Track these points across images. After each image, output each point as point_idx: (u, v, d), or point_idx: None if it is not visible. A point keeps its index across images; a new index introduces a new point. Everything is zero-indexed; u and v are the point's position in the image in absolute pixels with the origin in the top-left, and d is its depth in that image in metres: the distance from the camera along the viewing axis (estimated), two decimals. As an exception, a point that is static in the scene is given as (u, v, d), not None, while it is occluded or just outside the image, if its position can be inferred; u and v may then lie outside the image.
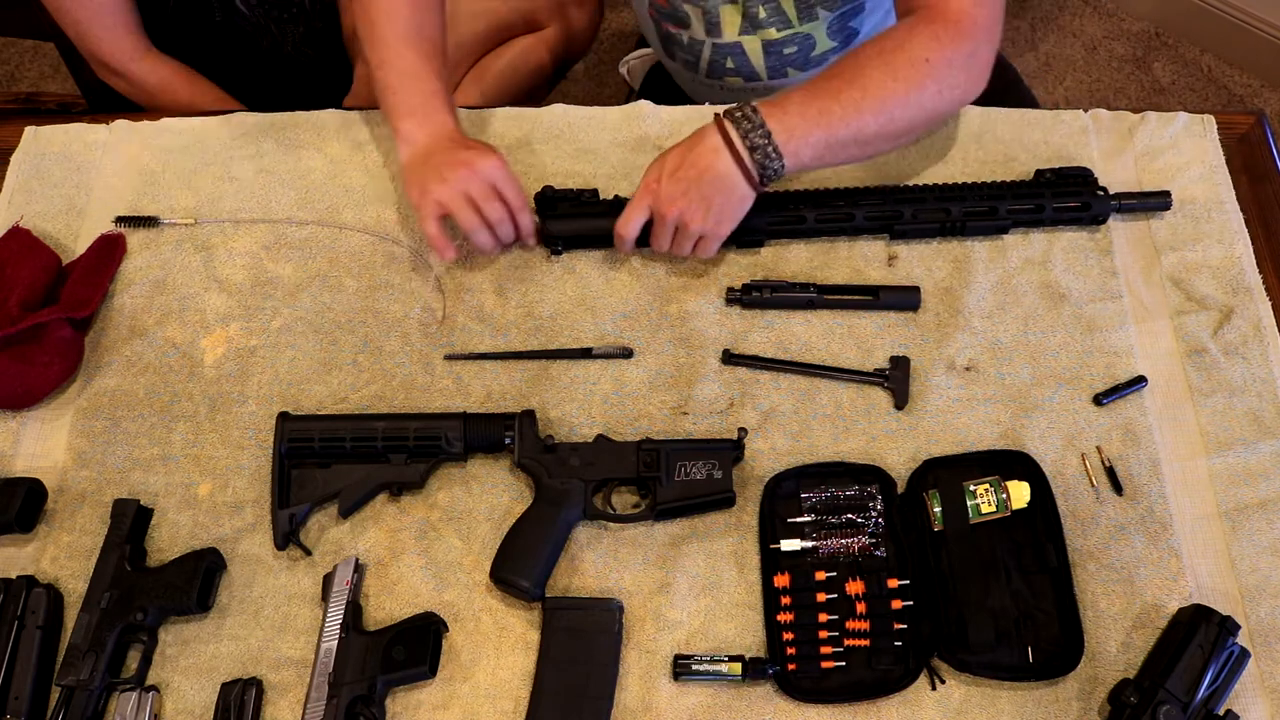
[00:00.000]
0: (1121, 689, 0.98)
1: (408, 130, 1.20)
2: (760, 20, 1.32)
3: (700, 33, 1.35)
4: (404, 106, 1.20)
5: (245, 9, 1.48)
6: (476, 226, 1.17)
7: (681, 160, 1.12)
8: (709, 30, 1.34)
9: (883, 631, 1.03)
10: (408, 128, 1.20)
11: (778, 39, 1.34)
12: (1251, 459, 1.12)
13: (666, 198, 1.12)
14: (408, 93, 1.20)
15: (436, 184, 1.15)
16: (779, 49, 1.36)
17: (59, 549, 1.09)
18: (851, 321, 1.21)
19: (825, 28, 1.34)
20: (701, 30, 1.34)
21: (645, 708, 1.01)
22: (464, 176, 1.15)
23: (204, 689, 1.02)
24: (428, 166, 1.17)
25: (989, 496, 1.06)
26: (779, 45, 1.35)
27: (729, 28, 1.33)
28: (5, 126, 1.37)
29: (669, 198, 1.12)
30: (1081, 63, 2.62)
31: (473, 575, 1.07)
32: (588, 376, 1.18)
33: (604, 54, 2.61)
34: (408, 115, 1.20)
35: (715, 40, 1.35)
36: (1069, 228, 1.26)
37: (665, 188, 1.12)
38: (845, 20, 1.34)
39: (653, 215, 1.15)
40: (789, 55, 1.37)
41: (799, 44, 1.36)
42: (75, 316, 1.17)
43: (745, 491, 1.10)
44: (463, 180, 1.15)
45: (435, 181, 1.15)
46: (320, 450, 1.10)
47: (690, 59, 1.40)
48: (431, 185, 1.15)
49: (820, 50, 1.38)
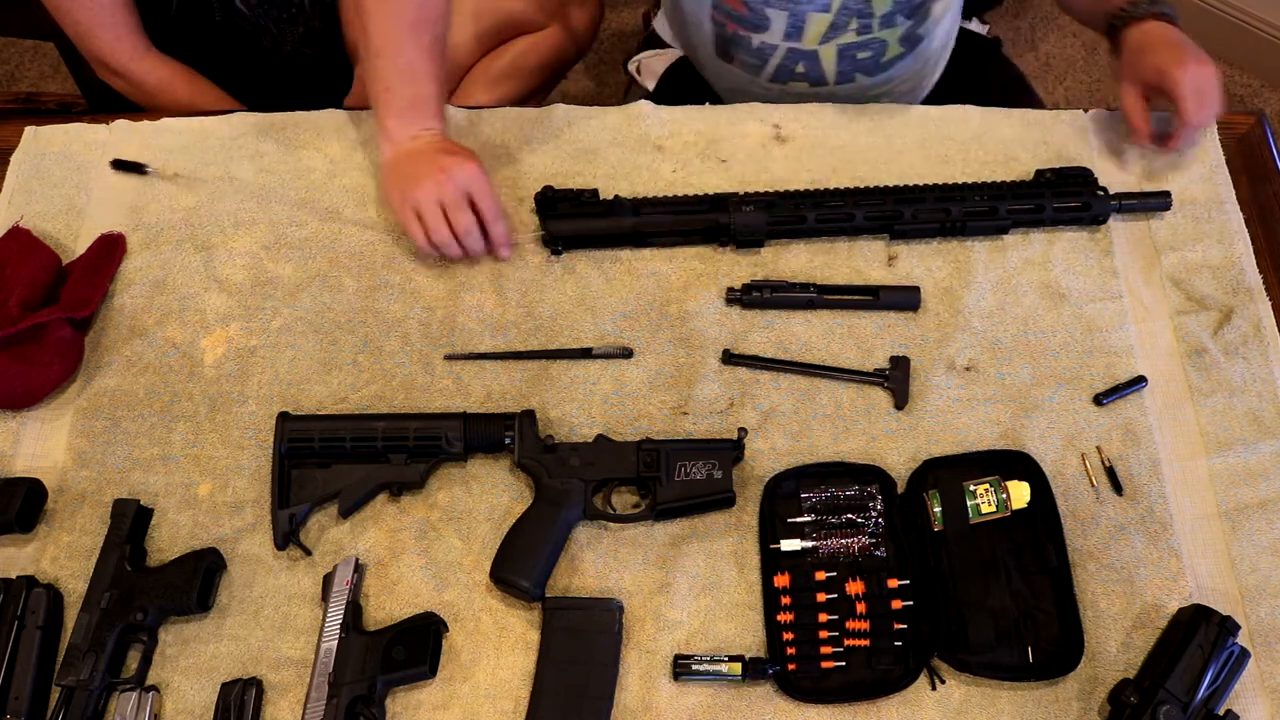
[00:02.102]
0: (1121, 689, 0.98)
1: (393, 129, 1.20)
2: (845, 28, 1.32)
3: (777, 37, 1.34)
4: (393, 105, 1.20)
5: (245, 9, 1.48)
6: (446, 239, 1.18)
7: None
8: (789, 35, 1.33)
9: (883, 631, 1.03)
10: (394, 127, 1.20)
11: (855, 42, 1.35)
12: (1251, 459, 1.12)
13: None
14: (400, 91, 1.20)
15: (413, 188, 1.16)
16: (852, 53, 1.36)
17: (59, 549, 1.09)
18: (851, 321, 1.21)
19: (900, 34, 1.36)
20: (780, 35, 1.34)
21: (645, 708, 1.01)
22: (439, 183, 1.16)
23: (204, 689, 1.02)
24: (406, 170, 1.18)
25: (989, 496, 1.06)
26: (853, 49, 1.36)
27: (812, 35, 1.33)
28: (5, 126, 1.37)
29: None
30: (1081, 63, 2.62)
31: (473, 575, 1.07)
32: (588, 376, 1.18)
33: (604, 54, 2.61)
34: (396, 115, 1.20)
35: (793, 45, 1.35)
36: (1069, 228, 1.26)
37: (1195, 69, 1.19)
38: (915, 28, 1.36)
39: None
40: (861, 60, 1.38)
41: (874, 49, 1.37)
42: (75, 316, 1.17)
43: (745, 491, 1.10)
44: (437, 187, 1.16)
45: (411, 186, 1.17)
46: (320, 450, 1.10)
47: (755, 62, 1.39)
48: (409, 189, 1.17)
49: (890, 56, 1.39)
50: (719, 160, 1.32)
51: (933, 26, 1.37)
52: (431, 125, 1.21)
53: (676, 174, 1.31)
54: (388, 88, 1.20)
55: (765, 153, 1.33)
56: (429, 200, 1.16)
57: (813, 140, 1.34)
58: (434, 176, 1.16)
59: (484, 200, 1.18)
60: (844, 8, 1.29)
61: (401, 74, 1.20)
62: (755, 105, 1.37)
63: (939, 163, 1.32)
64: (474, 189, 1.17)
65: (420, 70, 1.20)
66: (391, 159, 1.20)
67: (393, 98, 1.20)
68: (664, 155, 1.32)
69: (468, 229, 1.18)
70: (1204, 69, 1.20)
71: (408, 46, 1.19)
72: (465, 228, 1.18)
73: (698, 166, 1.31)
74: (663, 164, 1.32)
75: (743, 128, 1.34)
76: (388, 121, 1.20)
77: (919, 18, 1.34)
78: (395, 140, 1.20)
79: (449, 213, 1.17)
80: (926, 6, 1.33)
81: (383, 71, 1.20)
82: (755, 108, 1.36)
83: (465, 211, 1.17)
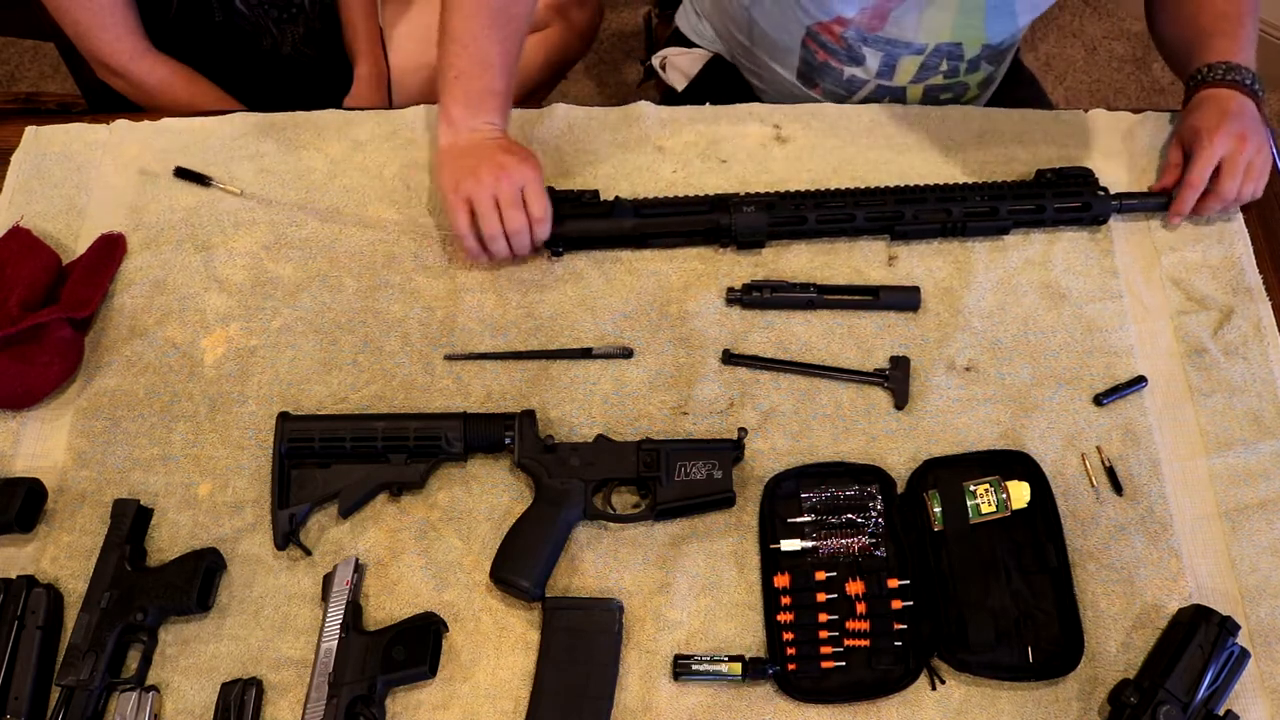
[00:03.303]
0: (1121, 689, 0.98)
1: (457, 117, 1.19)
2: (935, 69, 1.34)
3: (870, 74, 1.36)
4: (461, 92, 1.19)
5: (245, 9, 1.48)
6: (496, 233, 1.17)
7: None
8: (881, 74, 1.35)
9: (883, 631, 1.03)
10: (458, 115, 1.19)
11: (941, 84, 1.37)
12: (1251, 459, 1.12)
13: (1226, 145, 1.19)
14: (470, 80, 1.19)
15: (470, 181, 1.15)
16: (936, 94, 1.39)
17: (59, 549, 1.09)
18: (851, 321, 1.21)
19: (981, 78, 1.38)
20: (873, 73, 1.35)
21: (645, 708, 1.01)
22: (497, 179, 1.15)
23: (204, 689, 1.02)
24: (464, 161, 1.17)
25: (989, 496, 1.06)
26: (937, 91, 1.39)
27: (903, 74, 1.35)
28: (5, 126, 1.37)
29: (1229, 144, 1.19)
30: (1081, 63, 2.62)
31: (473, 575, 1.07)
32: (588, 376, 1.18)
33: (604, 54, 2.61)
34: (462, 103, 1.19)
35: (883, 82, 1.36)
36: (1069, 228, 1.26)
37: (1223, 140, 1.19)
38: (994, 72, 1.38)
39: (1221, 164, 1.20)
40: (943, 100, 1.40)
41: (956, 91, 1.40)
42: (75, 316, 1.17)
43: (745, 491, 1.10)
44: (495, 182, 1.15)
45: (469, 178, 1.15)
46: (320, 450, 1.10)
47: (841, 92, 1.41)
48: (464, 181, 1.15)
49: (968, 98, 1.42)
50: (719, 161, 1.32)
51: (1003, 70, 1.41)
52: (494, 120, 1.20)
53: (677, 174, 1.31)
54: (459, 75, 1.19)
55: (766, 153, 1.33)
56: (484, 194, 1.15)
57: (813, 140, 1.34)
58: (494, 172, 1.15)
59: (536, 203, 1.17)
60: (936, 50, 1.31)
61: (474, 63, 1.18)
62: (755, 105, 1.37)
63: (939, 163, 1.32)
64: (529, 190, 1.16)
65: (494, 63, 1.19)
66: (449, 147, 1.19)
67: (461, 85, 1.19)
68: (664, 156, 1.32)
69: (519, 229, 1.17)
70: (1242, 145, 1.18)
71: (485, 38, 1.18)
72: (517, 227, 1.17)
73: (698, 167, 1.32)
74: (663, 164, 1.32)
75: (743, 128, 1.34)
76: (453, 109, 1.19)
77: (998, 63, 1.37)
78: (457, 128, 1.19)
79: (503, 209, 1.16)
80: (1006, 53, 1.34)
81: (455, 58, 1.18)
82: (755, 108, 1.36)
83: (520, 211, 1.16)
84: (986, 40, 1.32)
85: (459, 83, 1.19)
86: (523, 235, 1.18)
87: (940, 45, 1.30)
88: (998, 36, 1.32)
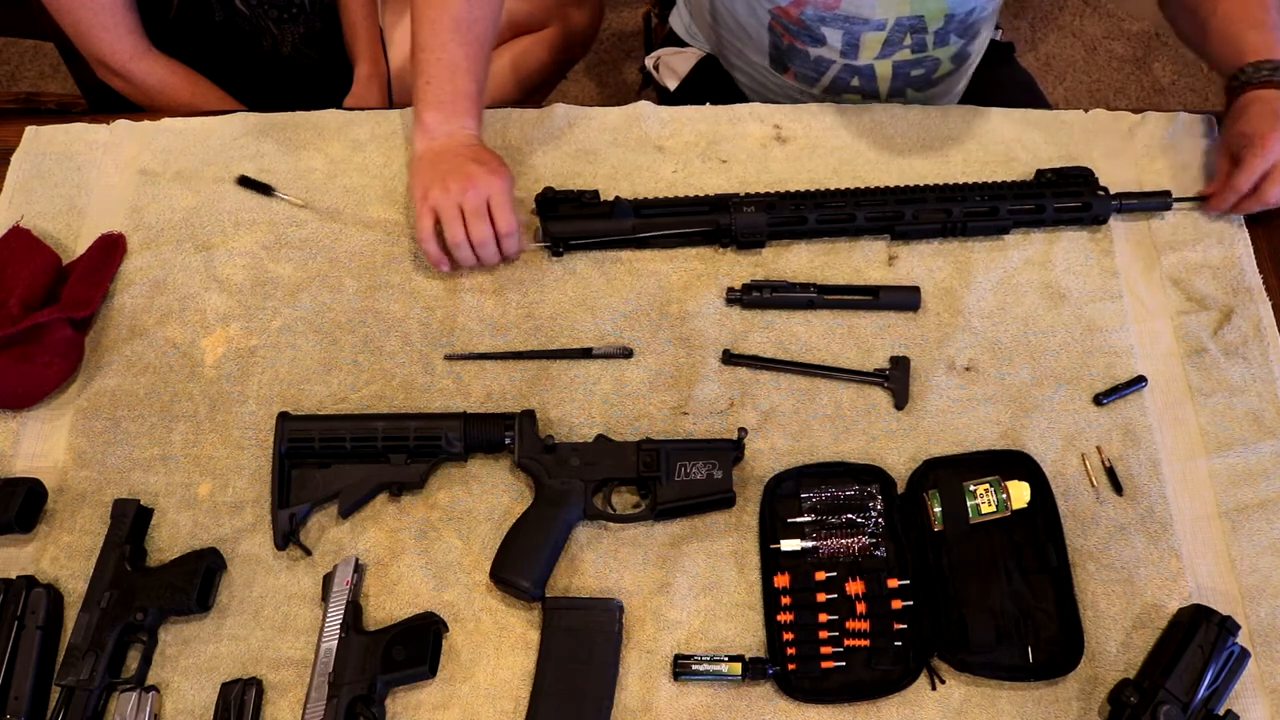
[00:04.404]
0: (1121, 689, 0.98)
1: (430, 122, 1.20)
2: (900, 44, 1.33)
3: (834, 54, 1.35)
4: (433, 97, 1.20)
5: (245, 9, 1.48)
6: (460, 241, 1.17)
7: None
8: (845, 52, 1.34)
9: (883, 631, 1.03)
10: (431, 120, 1.20)
11: (909, 60, 1.36)
12: (1251, 459, 1.12)
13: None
14: (441, 84, 1.20)
15: (437, 189, 1.16)
16: (907, 70, 1.38)
17: (59, 549, 1.09)
18: (851, 321, 1.21)
19: (952, 52, 1.37)
20: (837, 51, 1.35)
21: (645, 708, 1.01)
22: (464, 189, 1.15)
23: (204, 689, 1.02)
24: (435, 168, 1.17)
25: (989, 496, 1.06)
26: (908, 67, 1.37)
27: (868, 51, 1.34)
28: (5, 126, 1.37)
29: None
30: (1081, 63, 2.62)
31: (473, 575, 1.07)
32: (588, 376, 1.18)
33: (604, 54, 2.61)
34: (435, 107, 1.20)
35: (849, 61, 1.36)
36: (1069, 228, 1.26)
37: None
38: (965, 46, 1.37)
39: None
40: (915, 77, 1.39)
41: (926, 67, 1.38)
42: (75, 316, 1.17)
43: (745, 491, 1.10)
44: (461, 192, 1.15)
45: (436, 187, 1.16)
46: (320, 450, 1.10)
47: (811, 74, 1.40)
48: (432, 189, 1.16)
49: (941, 73, 1.41)
50: (719, 161, 1.32)
51: (979, 44, 1.39)
52: (467, 124, 1.21)
53: (677, 174, 1.31)
54: (429, 80, 1.20)
55: (766, 153, 1.33)
56: (449, 202, 1.16)
57: (813, 140, 1.34)
58: (460, 182, 1.16)
59: (500, 213, 1.17)
60: (897, 24, 1.30)
61: (443, 67, 1.20)
62: (756, 105, 1.37)
63: (939, 163, 1.32)
64: (494, 201, 1.17)
65: (461, 66, 1.20)
66: (423, 153, 1.20)
67: (432, 90, 1.20)
68: (664, 156, 1.32)
69: (483, 240, 1.18)
70: None
71: (451, 43, 1.20)
72: (481, 238, 1.17)
73: (698, 167, 1.32)
74: (663, 164, 1.32)
75: (743, 128, 1.34)
76: (425, 114, 1.20)
77: (969, 36, 1.36)
78: (430, 134, 1.20)
79: (467, 220, 1.16)
80: (976, 25, 1.33)
81: (426, 66, 1.20)
82: (755, 108, 1.36)
83: (484, 222, 1.17)
84: (948, 10, 1.30)
85: (430, 88, 1.20)
86: (488, 246, 1.18)
87: (901, 19, 1.29)
88: (961, 7, 1.30)
